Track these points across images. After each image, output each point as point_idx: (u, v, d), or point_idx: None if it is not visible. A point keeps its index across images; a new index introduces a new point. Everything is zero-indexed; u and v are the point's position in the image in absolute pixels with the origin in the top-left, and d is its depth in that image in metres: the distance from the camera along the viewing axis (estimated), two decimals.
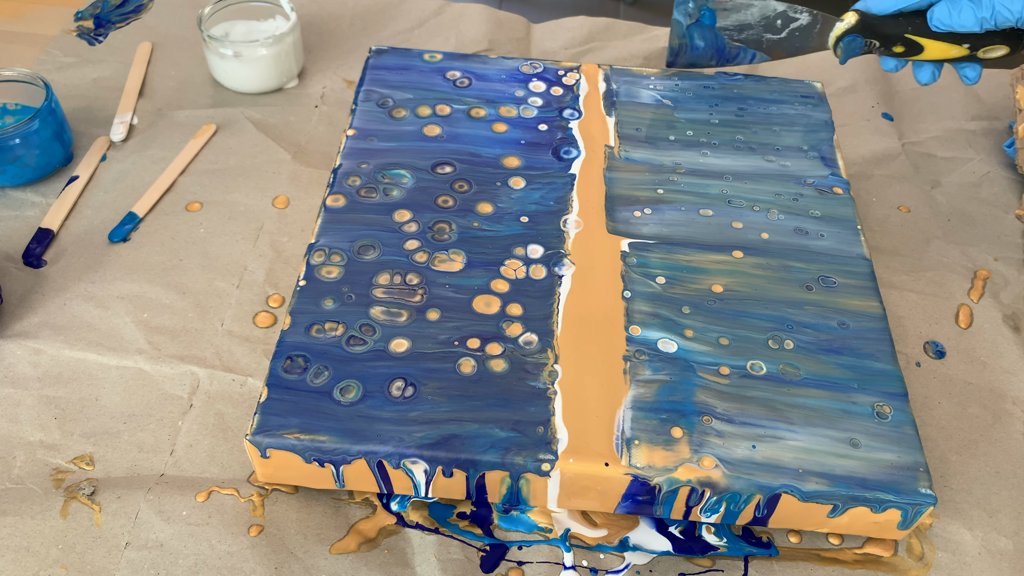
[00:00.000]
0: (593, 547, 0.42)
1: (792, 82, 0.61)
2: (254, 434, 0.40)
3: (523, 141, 0.55)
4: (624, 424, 0.41)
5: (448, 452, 0.40)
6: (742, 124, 0.58)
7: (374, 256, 0.48)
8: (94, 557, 0.40)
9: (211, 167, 0.60)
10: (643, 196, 0.52)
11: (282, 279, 0.53)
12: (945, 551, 0.43)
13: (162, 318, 0.50)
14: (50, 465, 0.44)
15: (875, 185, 0.61)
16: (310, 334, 0.44)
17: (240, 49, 0.63)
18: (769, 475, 0.39)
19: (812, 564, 0.42)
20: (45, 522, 0.42)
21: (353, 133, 0.55)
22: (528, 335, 0.44)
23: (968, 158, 0.64)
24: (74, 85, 0.65)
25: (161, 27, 0.71)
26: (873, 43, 0.50)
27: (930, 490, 0.39)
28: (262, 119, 0.63)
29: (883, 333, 0.46)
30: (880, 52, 0.50)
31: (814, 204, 0.53)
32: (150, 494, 0.43)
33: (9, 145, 0.55)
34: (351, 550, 0.41)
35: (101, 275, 0.52)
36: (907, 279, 0.55)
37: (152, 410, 0.46)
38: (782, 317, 0.46)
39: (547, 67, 0.61)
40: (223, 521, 0.42)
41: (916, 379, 0.50)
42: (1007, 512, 0.44)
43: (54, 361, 0.48)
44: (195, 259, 0.54)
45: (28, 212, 0.56)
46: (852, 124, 0.66)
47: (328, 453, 0.40)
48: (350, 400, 0.41)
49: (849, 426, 0.41)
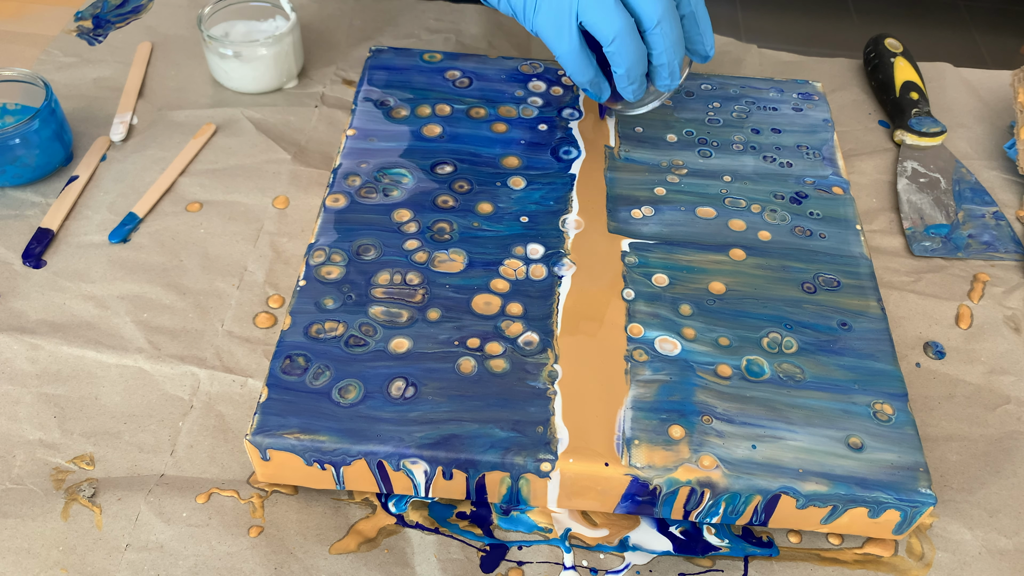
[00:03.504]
0: (593, 547, 0.42)
1: (792, 82, 0.61)
2: (254, 434, 0.40)
3: (523, 141, 0.55)
4: (624, 424, 0.41)
5: (448, 452, 0.40)
6: (742, 124, 0.58)
7: (374, 256, 0.48)
8: (95, 559, 0.40)
9: (211, 167, 0.60)
10: (643, 196, 0.52)
11: (282, 279, 0.53)
12: (945, 551, 0.43)
13: (162, 318, 0.50)
14: (50, 464, 0.44)
15: (876, 185, 0.61)
16: (310, 334, 0.44)
17: (240, 49, 0.62)
18: (769, 475, 0.39)
19: (812, 564, 0.42)
20: (46, 524, 0.42)
21: (353, 133, 0.55)
22: (528, 335, 0.44)
23: (969, 159, 0.64)
24: (74, 85, 0.65)
25: (161, 27, 0.71)
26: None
27: (930, 490, 0.39)
28: (262, 119, 0.63)
29: (883, 333, 0.46)
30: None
31: (814, 204, 0.53)
32: (150, 495, 0.43)
33: (9, 145, 0.55)
34: (351, 550, 0.41)
35: (101, 275, 0.52)
36: (907, 279, 0.55)
37: (152, 410, 0.46)
38: (782, 317, 0.46)
39: (547, 67, 0.61)
40: (223, 522, 0.42)
41: (916, 380, 0.50)
42: (1007, 512, 0.44)
43: (53, 358, 0.48)
44: (195, 259, 0.54)
45: (28, 212, 0.56)
46: (852, 124, 0.66)
47: (328, 453, 0.40)
48: (350, 400, 0.41)
49: (849, 426, 0.41)
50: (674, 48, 0.47)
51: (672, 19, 0.46)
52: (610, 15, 0.45)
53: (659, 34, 0.46)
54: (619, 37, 0.46)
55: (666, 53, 0.47)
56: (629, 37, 0.46)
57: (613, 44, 0.46)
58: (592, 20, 0.45)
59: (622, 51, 0.46)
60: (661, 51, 0.47)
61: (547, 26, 0.47)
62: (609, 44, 0.46)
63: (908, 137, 0.63)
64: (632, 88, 0.49)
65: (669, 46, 0.47)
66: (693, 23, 0.49)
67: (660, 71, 0.49)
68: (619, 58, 0.47)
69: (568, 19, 0.46)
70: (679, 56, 0.48)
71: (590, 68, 0.49)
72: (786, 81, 0.62)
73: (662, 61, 0.48)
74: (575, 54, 0.47)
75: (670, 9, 0.46)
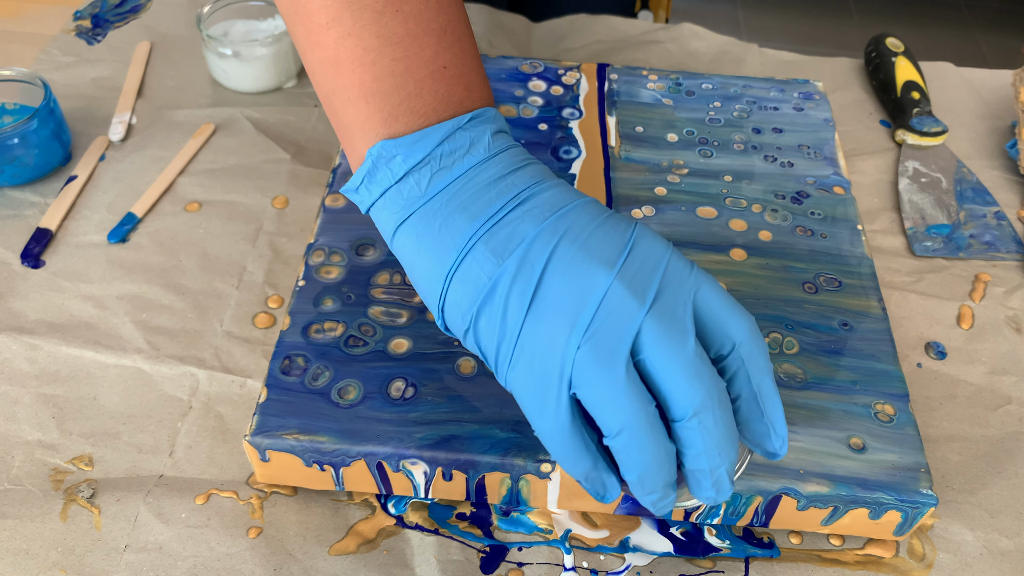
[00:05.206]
0: (593, 548, 0.42)
1: (793, 81, 0.61)
2: (253, 435, 0.40)
3: (523, 141, 0.55)
4: None
5: (448, 453, 0.40)
6: (743, 124, 0.58)
7: (374, 256, 0.48)
8: (93, 560, 0.40)
9: (210, 167, 0.60)
10: (644, 196, 0.52)
11: (281, 279, 0.53)
12: (946, 552, 0.43)
13: (161, 319, 0.50)
14: (49, 465, 0.44)
15: (877, 185, 0.61)
16: (309, 335, 0.44)
17: (239, 48, 0.62)
18: (770, 476, 0.39)
19: (813, 565, 0.42)
20: (45, 525, 0.41)
21: None
22: None
23: (970, 159, 0.64)
24: (73, 85, 0.65)
25: (160, 27, 0.71)
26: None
27: (931, 491, 0.39)
28: (261, 119, 0.63)
29: (884, 334, 0.45)
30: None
31: (815, 204, 0.52)
32: (149, 496, 0.43)
33: (8, 145, 0.54)
34: (350, 551, 0.41)
35: (99, 275, 0.52)
36: (908, 280, 0.55)
37: (151, 411, 0.46)
38: (783, 317, 0.46)
39: (547, 66, 0.61)
40: (222, 523, 0.42)
41: (918, 380, 0.49)
42: (1009, 513, 0.44)
43: (51, 358, 0.48)
44: (194, 259, 0.54)
45: (26, 212, 0.56)
46: (853, 124, 0.66)
47: (327, 454, 0.40)
48: (349, 401, 0.41)
49: (850, 427, 0.41)
50: (720, 449, 0.32)
51: (719, 407, 0.32)
52: (618, 394, 0.31)
53: (696, 429, 0.31)
54: (628, 429, 0.31)
55: (707, 456, 0.32)
56: (645, 432, 0.31)
57: (619, 438, 0.31)
58: (590, 396, 0.31)
59: (633, 451, 0.32)
60: (699, 452, 0.32)
61: (525, 389, 0.33)
62: (614, 437, 0.32)
63: (909, 137, 0.63)
64: (652, 500, 0.33)
65: (712, 447, 0.32)
66: (754, 407, 0.33)
67: (698, 479, 0.33)
68: (629, 460, 0.32)
69: (556, 385, 0.32)
70: (728, 460, 0.32)
71: (586, 457, 0.33)
72: (787, 81, 0.61)
73: (701, 466, 0.32)
74: (563, 435, 0.32)
75: (715, 393, 0.31)
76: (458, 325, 0.34)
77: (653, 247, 0.33)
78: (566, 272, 0.32)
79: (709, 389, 0.31)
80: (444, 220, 0.33)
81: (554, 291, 0.32)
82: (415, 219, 0.34)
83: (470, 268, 0.33)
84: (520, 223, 0.33)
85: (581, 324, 0.31)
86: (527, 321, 0.32)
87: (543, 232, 0.33)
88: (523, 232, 0.33)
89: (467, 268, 0.33)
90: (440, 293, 0.34)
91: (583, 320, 0.31)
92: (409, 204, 0.34)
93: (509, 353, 0.33)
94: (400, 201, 0.34)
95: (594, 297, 0.32)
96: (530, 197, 0.34)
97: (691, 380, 0.31)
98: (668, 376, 0.31)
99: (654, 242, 0.34)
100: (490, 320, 0.33)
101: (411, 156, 0.34)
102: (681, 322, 0.32)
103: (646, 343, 0.31)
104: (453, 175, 0.34)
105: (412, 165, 0.34)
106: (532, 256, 0.32)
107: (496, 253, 0.33)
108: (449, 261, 0.33)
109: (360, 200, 0.36)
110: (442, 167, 0.34)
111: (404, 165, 0.34)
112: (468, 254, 0.33)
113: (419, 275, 0.35)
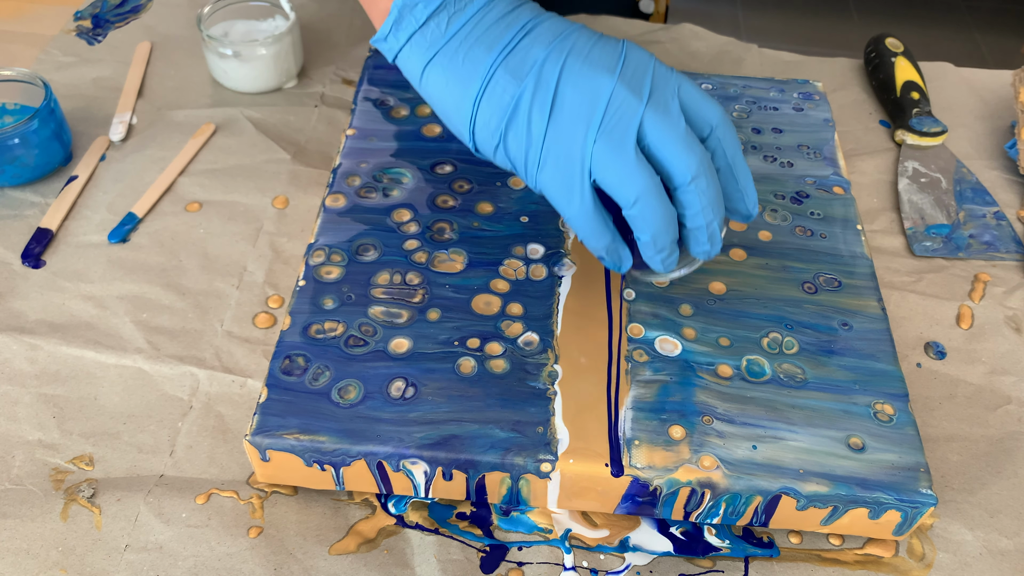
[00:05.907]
0: (593, 548, 0.42)
1: (793, 82, 0.61)
2: (253, 435, 0.40)
3: None
4: (624, 424, 0.41)
5: (448, 453, 0.40)
6: (743, 124, 0.58)
7: (374, 256, 0.48)
8: (94, 559, 0.40)
9: (210, 167, 0.60)
10: None
11: (282, 279, 0.53)
12: (946, 551, 0.43)
13: (161, 318, 0.50)
14: (49, 465, 0.44)
15: (876, 185, 0.61)
16: (309, 335, 0.44)
17: (239, 49, 0.62)
18: (770, 476, 0.39)
19: (813, 565, 0.42)
20: (45, 525, 0.42)
21: (353, 133, 0.55)
22: (528, 335, 0.44)
23: (970, 159, 0.64)
24: (73, 85, 0.65)
25: (160, 27, 0.71)
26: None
27: (931, 491, 0.39)
28: (261, 119, 0.63)
29: (884, 334, 0.45)
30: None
31: (815, 204, 0.52)
32: (150, 496, 0.43)
33: (8, 145, 0.54)
34: (350, 551, 0.41)
35: (100, 275, 0.52)
36: (908, 280, 0.55)
37: (152, 411, 0.46)
38: (783, 317, 0.46)
39: None
40: (222, 523, 0.42)
41: (917, 380, 0.49)
42: (1008, 512, 0.44)
43: (51, 358, 0.48)
44: (194, 259, 0.54)
45: (27, 212, 0.56)
46: (853, 124, 0.66)
47: (328, 454, 0.40)
48: (350, 401, 0.41)
49: (850, 427, 0.41)
50: (713, 207, 0.39)
51: (709, 173, 0.39)
52: (631, 172, 0.38)
53: (694, 192, 0.38)
54: (642, 198, 0.38)
55: (703, 213, 0.39)
56: (655, 198, 0.38)
57: (635, 207, 0.38)
58: (609, 178, 0.38)
59: (647, 215, 0.38)
60: (697, 211, 0.39)
61: (554, 185, 0.39)
62: (631, 207, 0.38)
63: (909, 137, 0.63)
64: (661, 257, 0.40)
65: (707, 205, 0.39)
66: (730, 177, 0.41)
67: (697, 235, 0.40)
68: (643, 223, 0.39)
69: (579, 177, 0.38)
70: (719, 215, 0.40)
71: (606, 233, 0.40)
72: (787, 81, 0.61)
73: (699, 223, 0.40)
74: (588, 217, 0.39)
75: (706, 161, 0.39)
76: (488, 144, 0.40)
77: (641, 55, 0.40)
78: (576, 82, 0.38)
79: (701, 157, 0.38)
80: (466, 54, 0.39)
81: (569, 99, 0.38)
82: (440, 57, 0.39)
83: (494, 91, 0.39)
84: (531, 48, 0.39)
85: (595, 122, 0.38)
86: (549, 128, 0.38)
87: (552, 53, 0.39)
88: (535, 55, 0.39)
89: (491, 91, 0.39)
90: (470, 118, 0.40)
91: (595, 119, 0.38)
92: (432, 45, 0.39)
93: (537, 158, 0.39)
94: (424, 44, 0.39)
95: (602, 99, 0.38)
96: (535, 27, 0.40)
97: (688, 151, 0.38)
98: (668, 151, 0.38)
99: (641, 52, 0.40)
100: (517, 133, 0.39)
101: (431, 2, 0.39)
102: (673, 110, 0.38)
103: (648, 129, 0.38)
104: (467, 15, 0.39)
105: (432, 10, 0.39)
106: (546, 73, 0.39)
107: (515, 75, 0.39)
108: (475, 88, 0.39)
109: (388, 48, 0.41)
110: (457, 9, 0.39)
111: (425, 11, 0.39)
112: (491, 79, 0.39)
113: (449, 106, 0.40)
